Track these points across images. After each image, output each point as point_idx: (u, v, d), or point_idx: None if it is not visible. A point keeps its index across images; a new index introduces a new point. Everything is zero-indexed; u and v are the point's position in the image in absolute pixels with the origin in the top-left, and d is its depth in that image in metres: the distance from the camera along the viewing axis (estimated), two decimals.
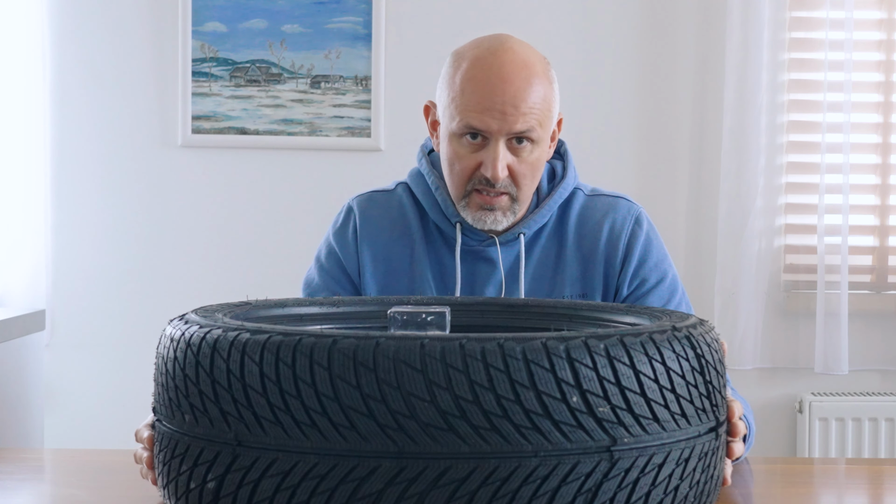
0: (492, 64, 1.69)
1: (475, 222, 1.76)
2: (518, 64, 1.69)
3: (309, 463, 1.02)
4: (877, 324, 3.29)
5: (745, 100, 3.18)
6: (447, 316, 1.32)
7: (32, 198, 3.11)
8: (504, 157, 1.70)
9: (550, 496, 1.01)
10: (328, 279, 1.86)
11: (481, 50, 1.71)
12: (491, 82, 1.68)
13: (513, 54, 1.69)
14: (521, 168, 1.72)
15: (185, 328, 1.15)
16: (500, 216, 1.75)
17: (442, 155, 1.78)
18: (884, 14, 3.27)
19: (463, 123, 1.70)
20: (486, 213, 1.74)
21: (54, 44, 3.24)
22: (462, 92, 1.70)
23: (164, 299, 3.25)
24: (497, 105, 1.67)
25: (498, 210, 1.74)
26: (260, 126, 3.27)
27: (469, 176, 1.73)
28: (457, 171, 1.74)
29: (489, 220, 1.75)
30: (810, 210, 3.27)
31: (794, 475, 1.68)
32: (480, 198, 1.74)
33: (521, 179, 1.73)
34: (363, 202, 1.89)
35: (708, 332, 1.19)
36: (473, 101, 1.68)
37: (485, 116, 1.68)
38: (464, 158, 1.72)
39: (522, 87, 1.68)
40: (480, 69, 1.69)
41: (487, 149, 1.70)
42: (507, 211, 1.75)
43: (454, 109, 1.71)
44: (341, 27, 3.25)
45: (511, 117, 1.67)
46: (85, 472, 1.62)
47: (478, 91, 1.68)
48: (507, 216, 1.75)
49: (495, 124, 1.68)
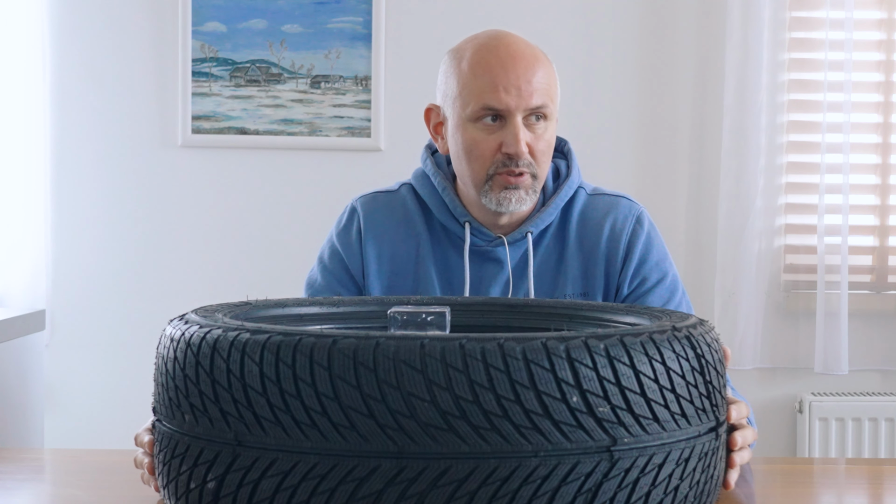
0: (497, 47, 1.73)
1: (499, 204, 1.76)
2: (522, 45, 1.74)
3: (309, 463, 1.02)
4: (877, 324, 3.29)
5: (745, 100, 3.18)
6: (447, 316, 1.32)
7: (32, 198, 3.11)
8: (524, 134, 1.72)
9: (550, 496, 1.01)
10: (331, 279, 1.86)
11: (481, 39, 1.76)
12: (502, 61, 1.71)
13: (514, 38, 1.76)
14: (540, 145, 1.75)
15: (185, 328, 1.15)
16: (523, 195, 1.76)
17: (456, 147, 1.78)
18: (884, 14, 3.27)
19: (479, 105, 1.72)
20: (511, 192, 1.75)
21: (54, 44, 3.24)
22: (473, 77, 1.72)
23: (164, 299, 3.25)
24: (512, 81, 1.70)
25: (521, 189, 1.75)
26: (260, 126, 3.27)
27: (490, 159, 1.74)
28: (476, 156, 1.75)
29: (514, 198, 1.75)
30: (810, 210, 3.27)
31: (794, 475, 1.68)
32: (504, 178, 1.74)
33: (541, 157, 1.75)
34: (367, 202, 1.89)
35: (708, 332, 1.19)
36: (486, 82, 1.71)
37: (501, 94, 1.71)
38: (482, 142, 1.74)
39: (531, 63, 1.72)
40: (488, 53, 1.73)
41: (506, 128, 1.72)
42: (530, 189, 1.76)
43: (467, 95, 1.73)
44: (341, 27, 3.25)
45: (526, 92, 1.71)
46: (85, 472, 1.62)
47: (490, 71, 1.71)
48: (529, 195, 1.77)
49: (512, 101, 1.71)
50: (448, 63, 1.77)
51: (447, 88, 1.77)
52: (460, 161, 1.78)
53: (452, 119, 1.77)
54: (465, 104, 1.73)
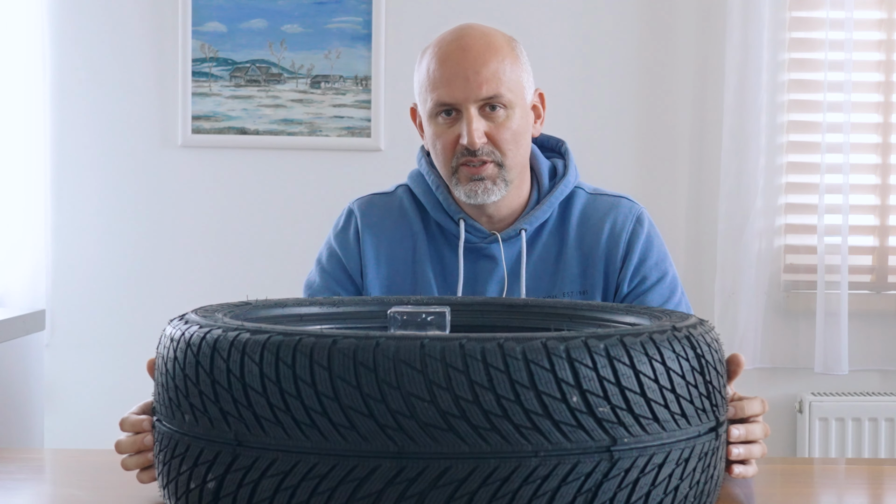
0: (451, 41, 1.76)
1: (468, 196, 1.78)
2: (476, 37, 1.75)
3: (309, 463, 1.02)
4: (877, 324, 3.28)
5: (745, 100, 3.18)
6: (447, 316, 1.32)
7: (32, 198, 3.11)
8: (478, 124, 1.73)
9: (550, 496, 1.01)
10: (330, 281, 1.87)
11: (443, 36, 1.79)
12: (451, 56, 1.74)
13: (472, 30, 1.77)
14: (501, 133, 1.75)
15: (185, 328, 1.15)
16: (489, 185, 1.77)
17: (427, 144, 1.82)
18: (884, 14, 3.27)
19: (433, 102, 1.75)
20: (476, 183, 1.76)
21: (54, 44, 3.24)
22: (427, 73, 1.76)
23: (164, 299, 3.24)
24: (459, 74, 1.72)
25: (487, 179, 1.76)
26: (260, 126, 3.27)
27: (452, 151, 1.76)
28: (439, 151, 1.78)
29: (480, 189, 1.76)
30: (810, 210, 3.27)
31: (794, 475, 1.68)
32: (467, 169, 1.76)
33: (504, 146, 1.75)
34: (363, 204, 1.91)
35: (708, 332, 1.19)
36: (438, 77, 1.74)
37: (450, 88, 1.73)
38: (442, 136, 1.76)
39: (482, 53, 1.73)
40: (441, 49, 1.76)
41: (461, 120, 1.74)
42: (497, 179, 1.77)
43: (425, 93, 1.77)
44: (341, 27, 3.25)
45: (474, 83, 1.72)
46: (85, 472, 1.62)
47: (440, 67, 1.74)
48: (497, 185, 1.77)
49: (460, 93, 1.72)
50: (417, 63, 1.81)
51: (415, 87, 1.82)
52: (433, 156, 1.82)
53: (422, 115, 1.81)
54: (425, 101, 1.77)
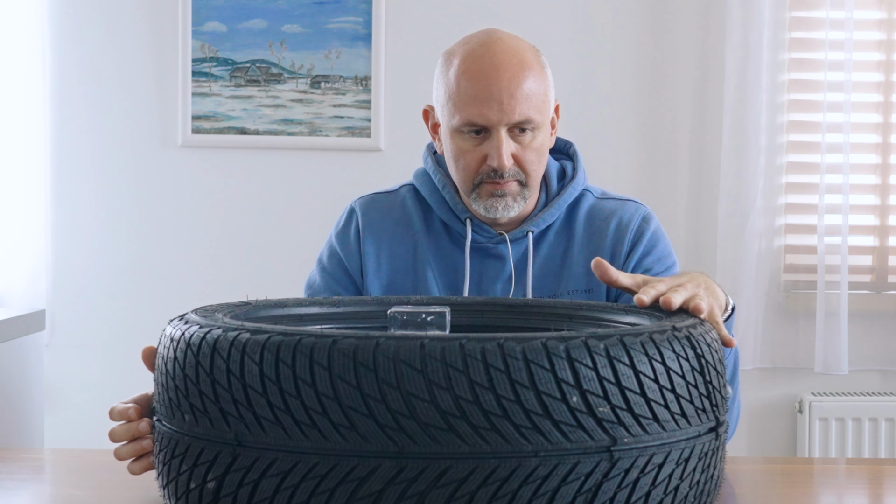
0: (483, 56, 1.71)
1: (487, 211, 1.77)
2: (509, 53, 1.71)
3: (309, 463, 1.02)
4: (877, 324, 3.28)
5: (745, 100, 3.18)
6: (447, 316, 1.32)
7: (32, 198, 3.11)
8: (508, 147, 1.71)
9: (550, 496, 1.01)
10: (330, 280, 1.87)
11: (471, 45, 1.74)
12: (485, 74, 1.69)
13: (502, 44, 1.72)
14: (527, 154, 1.74)
15: (185, 328, 1.15)
16: (510, 202, 1.76)
17: (446, 153, 1.79)
18: (884, 14, 3.27)
19: (462, 119, 1.72)
20: (497, 199, 1.75)
21: (54, 44, 3.24)
22: (458, 88, 1.72)
23: (164, 299, 3.24)
24: (494, 96, 1.69)
25: (508, 196, 1.75)
26: (260, 126, 3.27)
27: (476, 170, 1.75)
28: (462, 167, 1.76)
29: (500, 206, 1.76)
30: (810, 210, 3.27)
31: (794, 475, 1.68)
32: (490, 185, 1.75)
33: (528, 166, 1.75)
34: (365, 204, 1.90)
35: (708, 332, 1.19)
36: (470, 96, 1.70)
37: (483, 109, 1.69)
38: (468, 153, 1.74)
39: (516, 74, 1.70)
40: (473, 63, 1.71)
41: (490, 140, 1.72)
42: (518, 196, 1.76)
43: (452, 107, 1.73)
44: (341, 27, 3.25)
45: (508, 107, 1.69)
46: (85, 472, 1.62)
47: (473, 85, 1.70)
48: (517, 201, 1.77)
49: (494, 116, 1.70)
50: (439, 68, 1.78)
51: (438, 94, 1.78)
52: (450, 166, 1.80)
53: (443, 125, 1.78)
54: (452, 115, 1.74)
